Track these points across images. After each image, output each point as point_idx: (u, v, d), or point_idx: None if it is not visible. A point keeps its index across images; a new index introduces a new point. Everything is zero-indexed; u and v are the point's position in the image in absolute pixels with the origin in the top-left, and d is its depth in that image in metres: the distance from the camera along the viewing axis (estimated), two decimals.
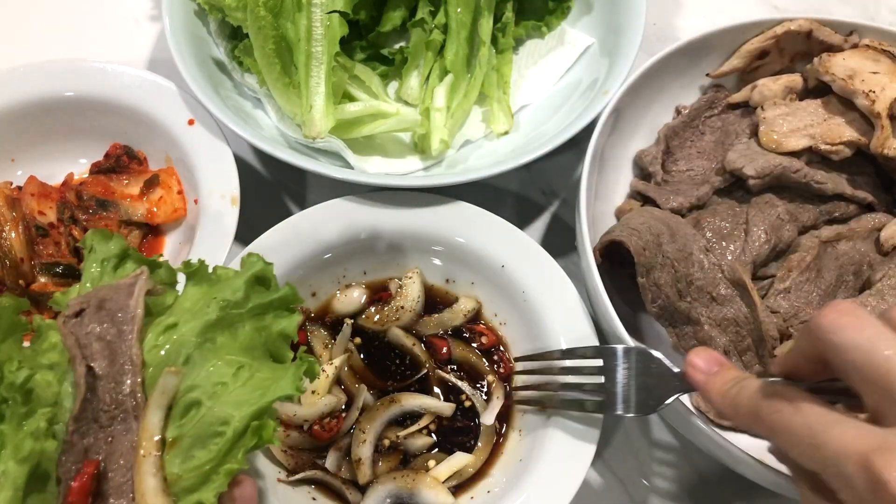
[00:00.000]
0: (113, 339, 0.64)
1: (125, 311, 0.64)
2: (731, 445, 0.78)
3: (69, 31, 1.25)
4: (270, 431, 0.60)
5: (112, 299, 0.65)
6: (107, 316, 0.64)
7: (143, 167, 1.05)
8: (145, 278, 0.66)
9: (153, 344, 0.65)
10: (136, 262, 0.71)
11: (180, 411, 0.62)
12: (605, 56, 1.08)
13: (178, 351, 0.64)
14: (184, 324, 0.66)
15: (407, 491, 0.85)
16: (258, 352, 0.66)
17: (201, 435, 0.61)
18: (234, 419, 0.61)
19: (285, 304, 0.68)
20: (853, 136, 0.94)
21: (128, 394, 0.62)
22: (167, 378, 0.62)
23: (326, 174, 0.93)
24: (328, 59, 0.97)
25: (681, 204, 0.96)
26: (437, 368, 0.94)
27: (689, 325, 0.88)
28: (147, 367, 0.64)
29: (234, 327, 0.66)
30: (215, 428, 0.61)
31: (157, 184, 1.02)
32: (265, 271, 0.68)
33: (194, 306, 0.67)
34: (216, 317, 0.66)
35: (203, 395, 0.62)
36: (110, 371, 0.63)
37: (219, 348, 0.65)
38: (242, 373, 0.64)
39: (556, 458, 0.83)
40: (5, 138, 1.02)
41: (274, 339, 0.67)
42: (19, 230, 0.93)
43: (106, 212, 0.99)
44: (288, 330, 0.67)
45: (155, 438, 0.61)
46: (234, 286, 0.67)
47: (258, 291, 0.68)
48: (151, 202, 1.01)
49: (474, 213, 0.95)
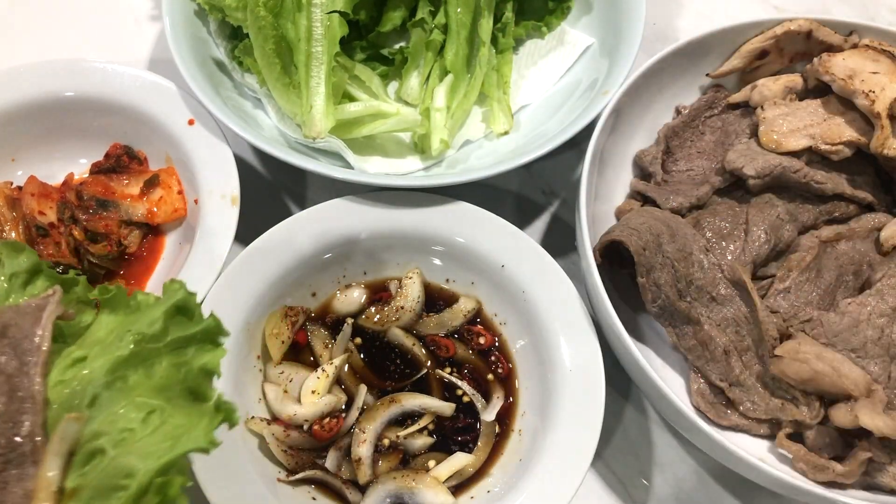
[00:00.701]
0: (13, 372, 0.57)
1: (30, 340, 0.58)
2: (731, 446, 0.78)
3: (69, 31, 1.26)
4: (177, 489, 0.54)
5: (16, 325, 0.58)
6: (9, 346, 0.58)
7: (143, 167, 1.05)
8: (56, 301, 0.60)
9: (59, 379, 0.59)
10: (48, 279, 0.65)
11: (83, 458, 0.56)
12: (605, 56, 1.08)
13: (86, 389, 0.58)
14: (94, 358, 0.60)
15: (407, 491, 0.85)
16: (175, 391, 0.60)
17: (103, 487, 0.55)
18: (140, 472, 0.55)
19: (209, 337, 0.62)
20: (853, 136, 0.94)
21: (26, 435, 0.55)
22: (68, 425, 0.56)
23: (326, 174, 0.93)
24: (328, 59, 0.97)
25: (681, 204, 0.96)
26: (437, 368, 0.94)
27: (689, 325, 0.88)
28: (51, 404, 0.57)
29: (149, 363, 0.60)
30: (118, 480, 0.55)
31: (157, 184, 1.02)
32: (188, 301, 0.62)
33: (107, 337, 0.62)
34: (130, 352, 0.60)
35: (108, 442, 0.56)
36: (7, 409, 0.56)
37: (130, 388, 0.59)
38: (153, 418, 0.58)
39: (556, 458, 0.83)
40: (5, 138, 1.02)
41: (195, 376, 0.60)
42: (19, 230, 0.93)
43: (106, 212, 0.99)
44: (211, 365, 0.60)
45: (52, 489, 0.55)
46: (152, 317, 0.61)
47: (179, 323, 0.62)
48: (151, 202, 1.01)
49: (474, 213, 0.95)
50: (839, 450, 0.85)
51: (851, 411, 0.82)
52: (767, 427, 0.87)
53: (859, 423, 0.81)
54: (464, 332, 0.96)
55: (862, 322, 0.87)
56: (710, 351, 0.87)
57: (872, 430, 0.80)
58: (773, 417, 0.87)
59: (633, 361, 0.83)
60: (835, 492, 0.80)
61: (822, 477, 0.82)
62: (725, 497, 0.95)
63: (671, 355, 0.93)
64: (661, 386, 0.80)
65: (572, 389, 0.86)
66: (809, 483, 0.81)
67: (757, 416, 0.87)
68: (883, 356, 0.86)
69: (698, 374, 0.89)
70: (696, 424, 0.80)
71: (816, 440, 0.85)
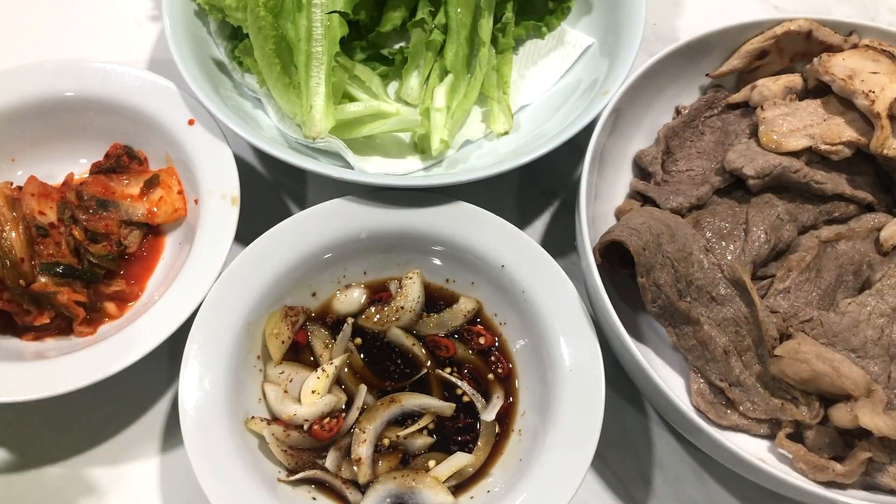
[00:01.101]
0: None
1: None
2: (731, 446, 0.78)
3: (69, 31, 1.26)
4: None
5: None
6: None
7: (143, 167, 1.05)
8: None
9: None
10: None
11: None
12: (605, 56, 1.08)
13: None
14: None
15: (407, 490, 0.85)
16: None
17: None
18: None
19: None
20: (853, 136, 0.94)
21: None
22: None
23: (326, 174, 0.93)
24: (328, 59, 0.97)
25: (681, 204, 0.96)
26: (437, 368, 0.94)
27: (689, 325, 0.88)
28: None
29: None
30: None
31: (157, 184, 1.02)
32: None
33: None
34: None
35: None
36: None
37: None
38: None
39: (556, 458, 0.83)
40: (5, 138, 1.02)
41: None
42: (19, 230, 0.93)
43: (106, 212, 0.99)
44: None
45: None
46: None
47: None
48: (151, 202, 1.01)
49: (474, 213, 0.95)
50: (839, 450, 0.85)
51: (851, 411, 0.82)
52: (767, 427, 0.87)
53: (859, 423, 0.81)
54: (464, 332, 0.96)
55: (862, 322, 0.87)
56: (709, 351, 0.87)
57: (872, 430, 0.80)
58: (773, 417, 0.87)
59: (633, 361, 0.83)
60: (835, 492, 0.80)
61: (822, 477, 0.82)
62: (725, 497, 0.95)
63: (671, 355, 0.93)
64: (661, 386, 0.80)
65: (572, 389, 0.86)
66: (809, 483, 0.81)
67: (757, 416, 0.87)
68: (883, 356, 0.86)
69: (698, 374, 0.89)
70: (696, 424, 0.80)
71: (816, 440, 0.85)
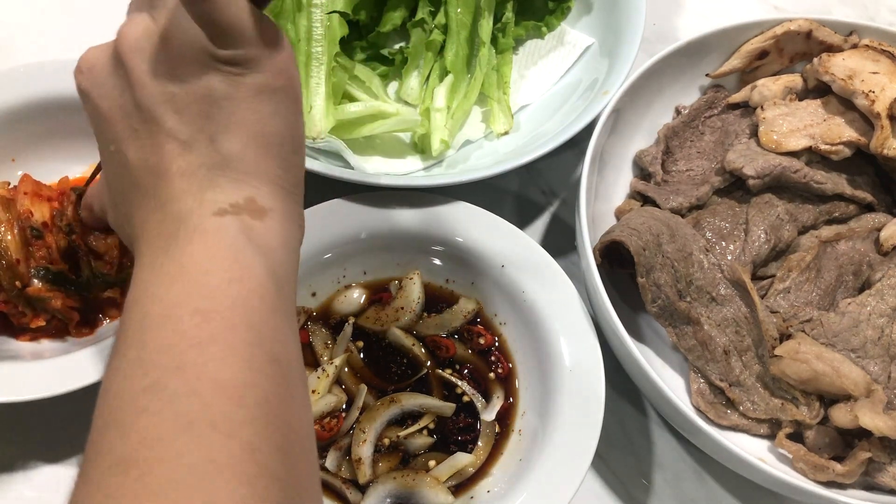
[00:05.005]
0: None
1: None
2: (731, 446, 0.78)
3: (69, 31, 1.25)
4: None
5: None
6: None
7: None
8: None
9: None
10: None
11: None
12: (605, 56, 1.08)
13: None
14: None
15: (407, 490, 0.85)
16: None
17: None
18: None
19: None
20: (853, 136, 0.94)
21: None
22: None
23: (326, 174, 0.93)
24: (328, 59, 0.97)
25: (680, 204, 0.96)
26: (438, 368, 0.94)
27: (689, 325, 0.88)
28: None
29: None
30: None
31: None
32: None
33: None
34: None
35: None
36: None
37: None
38: None
39: (556, 458, 0.83)
40: (5, 138, 1.02)
41: None
42: (14, 231, 0.91)
43: (108, 238, 0.91)
44: None
45: None
46: None
47: None
48: None
49: (474, 213, 0.95)
50: (839, 450, 0.85)
51: (851, 411, 0.82)
52: (767, 427, 0.88)
53: (859, 423, 0.81)
54: (464, 331, 0.96)
55: (862, 322, 0.87)
56: (710, 351, 0.87)
57: (872, 430, 0.80)
58: (773, 417, 0.87)
59: (633, 361, 0.83)
60: (835, 492, 0.80)
61: (822, 477, 0.82)
62: (725, 497, 0.95)
63: (671, 355, 0.94)
64: (661, 386, 0.80)
65: (572, 389, 0.86)
66: (809, 483, 0.81)
67: (757, 416, 0.87)
68: (883, 356, 0.86)
69: (698, 374, 0.89)
70: (696, 424, 0.80)
71: (816, 440, 0.85)
